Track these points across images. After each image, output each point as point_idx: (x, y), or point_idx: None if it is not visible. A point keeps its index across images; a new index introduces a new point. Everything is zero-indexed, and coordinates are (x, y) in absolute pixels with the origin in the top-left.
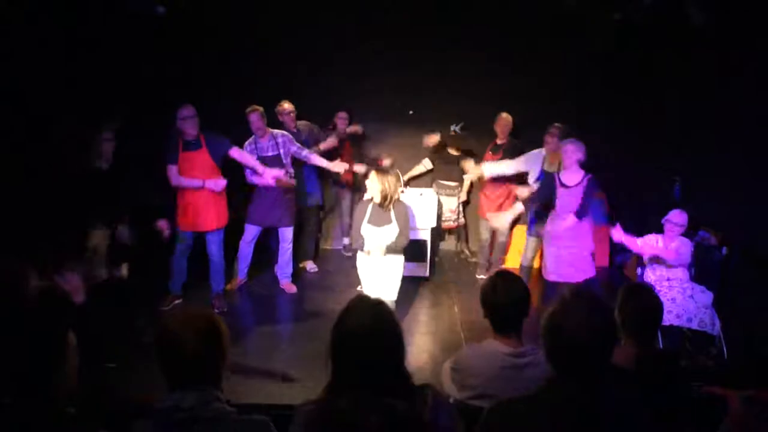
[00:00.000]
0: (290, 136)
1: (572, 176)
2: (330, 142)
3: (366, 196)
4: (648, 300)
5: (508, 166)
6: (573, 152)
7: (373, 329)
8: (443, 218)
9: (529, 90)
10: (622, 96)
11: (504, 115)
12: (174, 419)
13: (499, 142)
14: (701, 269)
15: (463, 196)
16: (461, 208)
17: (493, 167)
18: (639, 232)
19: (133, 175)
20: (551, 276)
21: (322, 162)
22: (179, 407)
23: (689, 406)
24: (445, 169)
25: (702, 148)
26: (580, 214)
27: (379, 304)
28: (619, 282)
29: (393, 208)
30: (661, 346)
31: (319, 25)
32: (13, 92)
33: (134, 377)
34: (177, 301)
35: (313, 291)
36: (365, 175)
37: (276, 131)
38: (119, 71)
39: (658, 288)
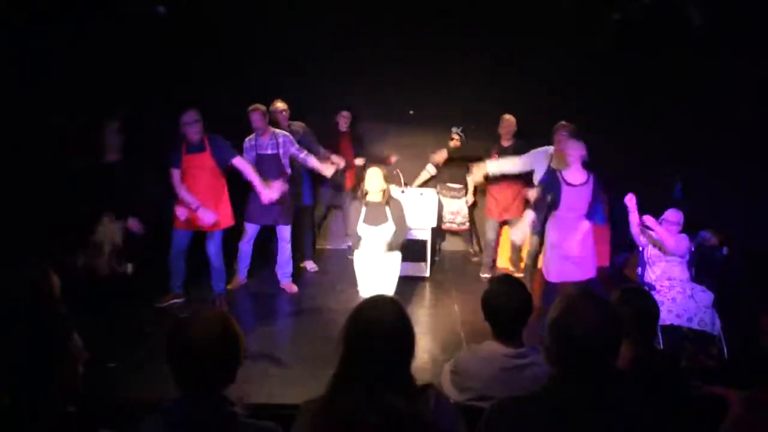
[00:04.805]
0: (291, 138)
1: (577, 175)
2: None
3: (366, 186)
4: (643, 302)
5: (512, 164)
6: (577, 150)
7: (394, 324)
8: (445, 220)
9: (529, 90)
10: (622, 96)
11: (507, 116)
12: (182, 422)
13: (504, 144)
14: (702, 269)
15: (470, 199)
16: (468, 211)
17: (497, 165)
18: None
19: (140, 169)
20: (554, 277)
21: (317, 164)
22: (187, 410)
23: (689, 406)
24: (449, 171)
25: (702, 148)
26: (591, 215)
27: (397, 302)
28: (619, 282)
29: (388, 205)
30: (661, 345)
31: (319, 25)
32: (15, 90)
33: (136, 377)
34: (175, 300)
35: (313, 291)
36: (364, 167)
37: (278, 131)
38: (121, 67)
39: (658, 287)
